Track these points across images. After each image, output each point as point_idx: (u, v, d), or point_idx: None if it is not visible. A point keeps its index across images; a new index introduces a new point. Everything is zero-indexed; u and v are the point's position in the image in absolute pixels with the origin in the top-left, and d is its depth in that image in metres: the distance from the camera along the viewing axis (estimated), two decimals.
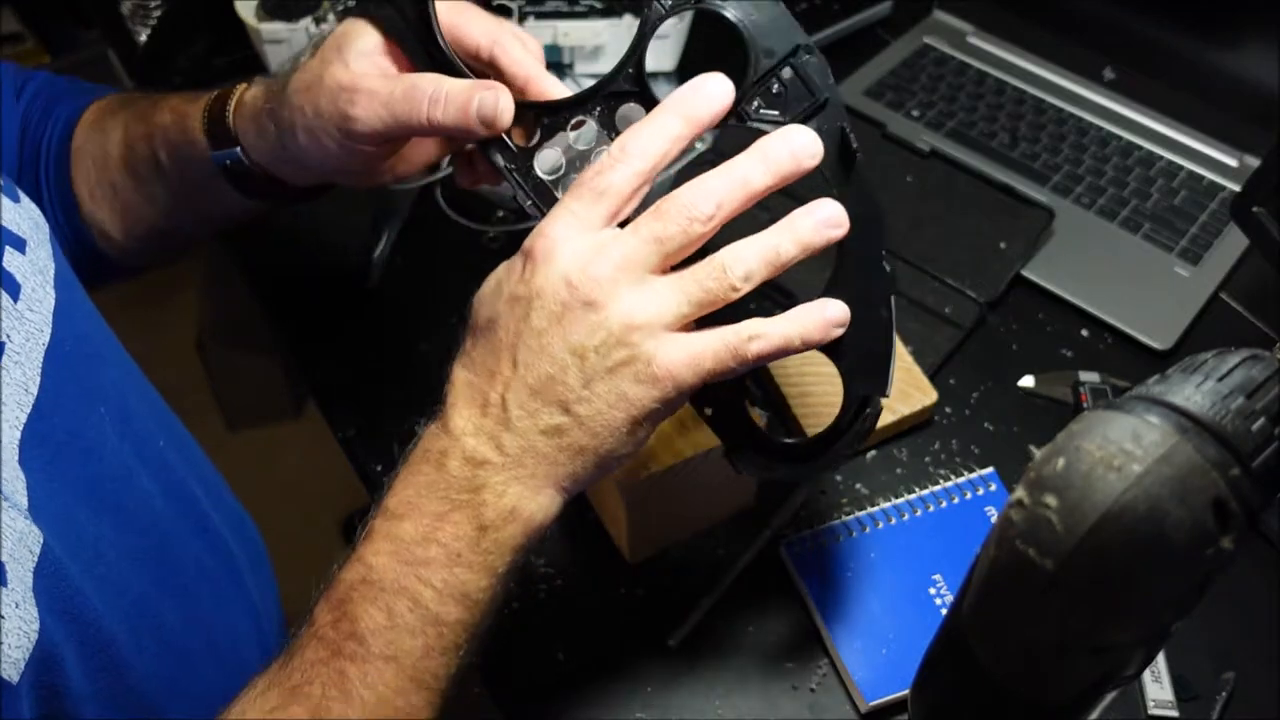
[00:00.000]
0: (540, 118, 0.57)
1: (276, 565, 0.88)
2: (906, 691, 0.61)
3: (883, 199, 0.92)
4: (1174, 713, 0.67)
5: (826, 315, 0.53)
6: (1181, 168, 0.98)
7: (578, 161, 0.57)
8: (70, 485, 0.53)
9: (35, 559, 0.48)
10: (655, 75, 1.04)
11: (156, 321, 2.00)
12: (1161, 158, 0.98)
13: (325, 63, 0.59)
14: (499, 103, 0.55)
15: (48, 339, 0.53)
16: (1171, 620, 0.40)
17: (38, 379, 0.52)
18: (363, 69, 0.58)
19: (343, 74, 0.58)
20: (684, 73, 1.04)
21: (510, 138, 0.57)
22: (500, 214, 0.94)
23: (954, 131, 1.01)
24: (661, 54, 1.02)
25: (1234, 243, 0.92)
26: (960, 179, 0.95)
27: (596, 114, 0.57)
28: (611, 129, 0.56)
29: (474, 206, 0.93)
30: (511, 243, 0.92)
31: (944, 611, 0.69)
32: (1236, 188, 0.84)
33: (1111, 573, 0.37)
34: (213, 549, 0.69)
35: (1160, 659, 0.69)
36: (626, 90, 0.56)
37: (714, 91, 0.53)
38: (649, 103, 0.55)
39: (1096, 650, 0.39)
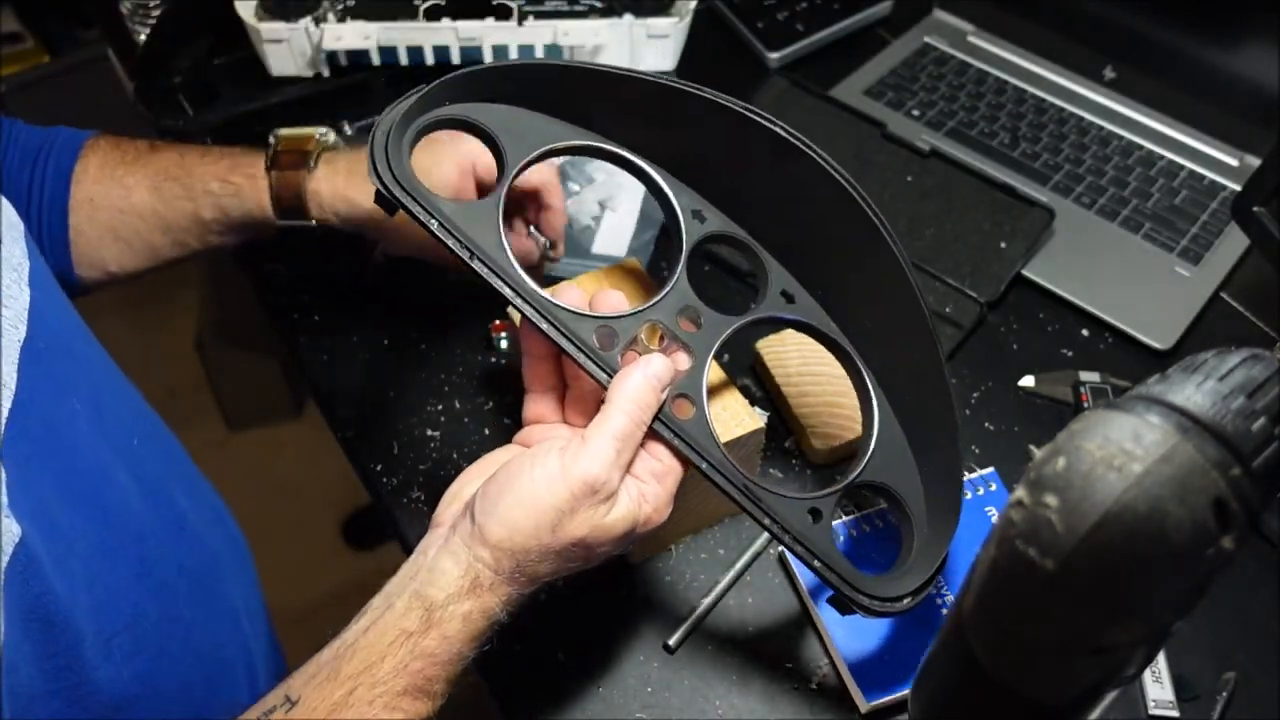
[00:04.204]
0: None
1: (275, 565, 0.88)
2: (906, 691, 0.61)
3: (883, 199, 0.93)
4: (1174, 713, 0.67)
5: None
6: (1182, 167, 0.98)
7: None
8: (47, 480, 0.54)
9: (8, 557, 0.48)
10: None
11: (156, 321, 2.00)
12: (1162, 157, 0.98)
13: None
14: None
15: (23, 336, 0.54)
16: (1172, 620, 0.40)
17: (15, 375, 0.52)
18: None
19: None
20: (683, 73, 1.04)
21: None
22: None
23: (954, 131, 1.01)
24: (662, 54, 1.02)
25: (1234, 242, 0.92)
26: (960, 179, 0.94)
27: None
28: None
29: None
30: None
31: (944, 611, 0.69)
32: (1237, 187, 0.84)
33: (1112, 573, 0.37)
34: (192, 547, 0.69)
35: (1160, 659, 0.69)
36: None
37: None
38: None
39: (1097, 650, 0.39)
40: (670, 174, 0.65)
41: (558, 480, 0.53)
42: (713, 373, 0.70)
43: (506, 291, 0.57)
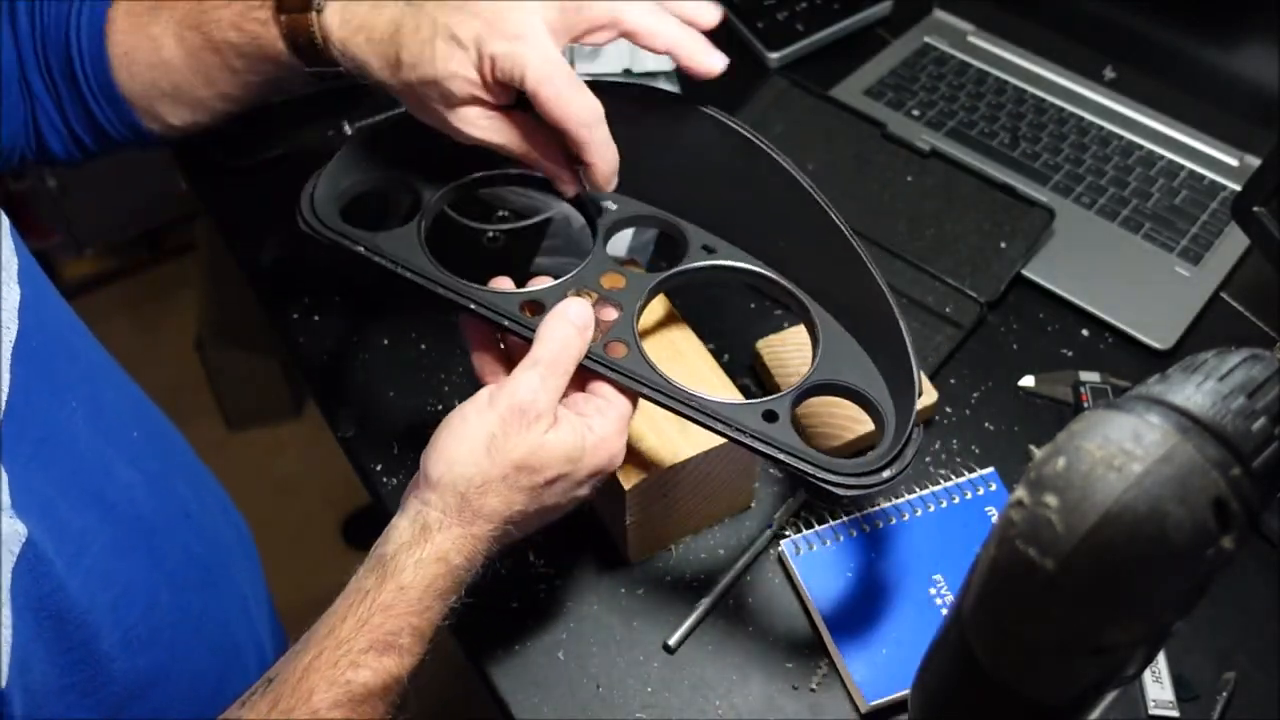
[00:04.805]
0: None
1: (275, 565, 0.88)
2: (906, 691, 0.61)
3: (883, 199, 0.93)
4: (1174, 713, 0.67)
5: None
6: (1182, 167, 0.97)
7: None
8: (51, 479, 0.54)
9: (15, 557, 0.48)
10: (655, 75, 1.04)
11: (156, 321, 2.01)
12: (1162, 157, 0.98)
13: (429, 100, 0.64)
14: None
15: (14, 335, 0.54)
16: (1172, 620, 0.40)
17: (7, 375, 0.52)
18: (466, 115, 0.64)
19: (453, 118, 0.63)
20: (682, 73, 1.04)
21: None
22: (500, 213, 0.94)
23: (954, 131, 1.01)
24: (661, 56, 1.02)
25: (1234, 242, 0.92)
26: (960, 179, 0.94)
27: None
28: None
29: (474, 206, 0.92)
30: (512, 241, 0.92)
31: (944, 611, 0.69)
32: (1237, 187, 0.84)
33: (1112, 573, 0.37)
34: (198, 536, 0.70)
35: (1160, 659, 0.69)
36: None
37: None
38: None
39: (1097, 650, 0.39)
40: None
41: (486, 409, 0.57)
42: (710, 369, 0.71)
43: (433, 287, 0.65)
